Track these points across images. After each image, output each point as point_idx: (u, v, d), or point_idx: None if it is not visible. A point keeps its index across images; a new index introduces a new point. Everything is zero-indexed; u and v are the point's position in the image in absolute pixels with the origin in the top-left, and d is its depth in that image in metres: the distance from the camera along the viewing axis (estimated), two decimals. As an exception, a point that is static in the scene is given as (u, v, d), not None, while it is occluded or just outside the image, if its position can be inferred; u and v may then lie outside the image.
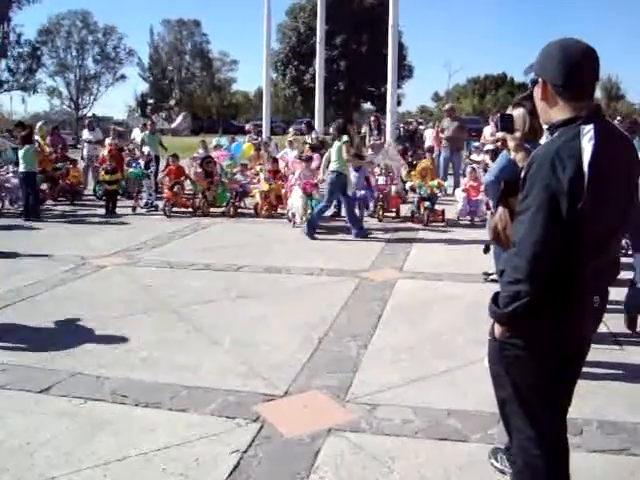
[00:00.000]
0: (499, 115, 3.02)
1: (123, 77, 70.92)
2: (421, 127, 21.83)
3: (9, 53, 60.97)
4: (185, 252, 8.98)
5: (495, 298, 2.34)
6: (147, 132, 15.78)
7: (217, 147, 16.24)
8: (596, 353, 2.70)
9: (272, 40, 33.36)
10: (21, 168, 12.05)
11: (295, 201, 10.84)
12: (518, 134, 3.00)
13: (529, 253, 2.18)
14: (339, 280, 7.34)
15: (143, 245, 9.44)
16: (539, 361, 2.38)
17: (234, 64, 77.48)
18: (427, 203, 11.13)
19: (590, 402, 3.95)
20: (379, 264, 8.15)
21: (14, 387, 4.38)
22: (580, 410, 3.58)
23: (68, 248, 9.17)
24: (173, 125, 14.95)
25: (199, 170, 13.41)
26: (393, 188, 12.02)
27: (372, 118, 16.32)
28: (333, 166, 10.05)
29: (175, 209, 12.57)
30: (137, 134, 16.59)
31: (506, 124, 2.93)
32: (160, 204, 12.95)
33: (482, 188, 10.38)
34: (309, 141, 14.80)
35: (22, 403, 4.15)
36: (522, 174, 2.32)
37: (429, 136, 17.28)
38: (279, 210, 12.36)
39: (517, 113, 4.35)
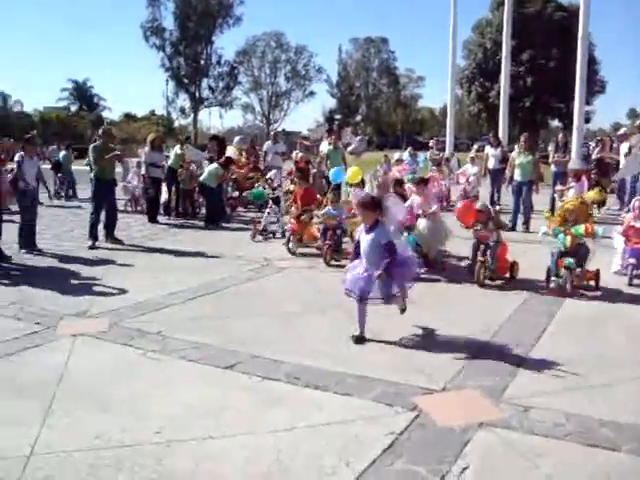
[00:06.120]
0: None
1: (312, 93, 74.66)
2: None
3: (210, 73, 66.57)
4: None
5: None
6: (331, 147, 15.08)
7: (399, 162, 16.42)
8: None
9: (458, 57, 33.50)
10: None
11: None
12: None
13: None
14: (507, 294, 7.42)
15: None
16: None
17: (420, 80, 78.59)
18: (568, 260, 7.27)
19: None
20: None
21: (205, 362, 5.09)
22: None
23: (254, 251, 10.09)
24: (350, 148, 15.62)
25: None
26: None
27: (560, 136, 15.88)
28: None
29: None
30: (324, 147, 15.93)
31: None
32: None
33: None
34: (495, 153, 14.79)
35: (211, 375, 4.83)
36: None
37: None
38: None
39: None
